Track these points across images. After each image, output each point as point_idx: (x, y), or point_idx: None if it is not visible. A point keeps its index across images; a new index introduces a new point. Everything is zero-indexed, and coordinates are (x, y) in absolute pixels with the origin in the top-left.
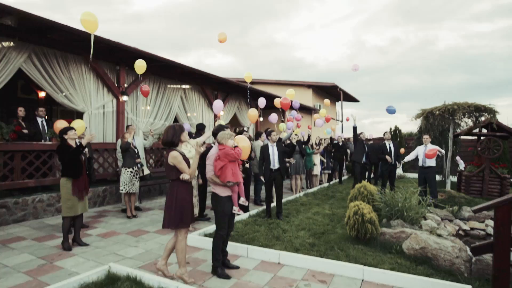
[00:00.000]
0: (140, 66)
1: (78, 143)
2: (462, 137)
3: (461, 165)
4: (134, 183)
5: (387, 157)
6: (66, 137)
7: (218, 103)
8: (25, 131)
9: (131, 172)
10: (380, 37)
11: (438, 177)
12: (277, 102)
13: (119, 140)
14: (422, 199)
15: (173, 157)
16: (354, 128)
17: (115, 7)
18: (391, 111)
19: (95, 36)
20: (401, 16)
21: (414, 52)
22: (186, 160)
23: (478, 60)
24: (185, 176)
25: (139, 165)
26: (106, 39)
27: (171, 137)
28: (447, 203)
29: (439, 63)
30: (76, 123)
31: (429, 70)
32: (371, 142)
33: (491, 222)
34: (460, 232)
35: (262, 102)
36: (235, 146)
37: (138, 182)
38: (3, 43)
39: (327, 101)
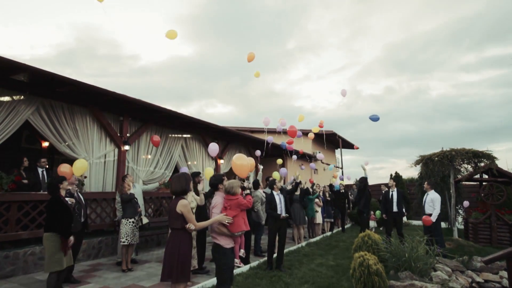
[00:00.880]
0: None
1: (75, 206)
2: (463, 182)
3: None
4: (136, 233)
5: (384, 215)
6: (61, 186)
7: (213, 146)
8: (25, 181)
9: (133, 222)
10: (375, 87)
11: (443, 224)
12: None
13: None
14: (429, 249)
15: (183, 205)
16: (365, 179)
17: (123, 62)
18: (374, 119)
19: (101, 89)
20: (393, 68)
21: (408, 101)
22: None
23: (471, 107)
24: (191, 226)
25: (138, 214)
26: (111, 91)
27: (184, 185)
28: (456, 253)
29: (434, 111)
30: (78, 163)
31: (424, 117)
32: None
33: (506, 274)
34: (474, 285)
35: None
36: (247, 194)
37: (138, 233)
38: (14, 97)
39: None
